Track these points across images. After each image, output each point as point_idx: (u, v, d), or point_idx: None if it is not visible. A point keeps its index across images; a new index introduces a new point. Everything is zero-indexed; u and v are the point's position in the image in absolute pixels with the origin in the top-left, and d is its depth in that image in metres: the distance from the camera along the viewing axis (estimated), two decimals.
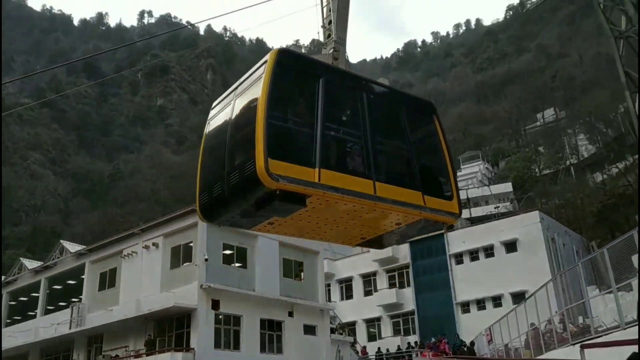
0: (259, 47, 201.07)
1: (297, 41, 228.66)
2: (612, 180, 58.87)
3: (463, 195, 73.13)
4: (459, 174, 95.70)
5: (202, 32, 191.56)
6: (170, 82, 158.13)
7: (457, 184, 7.77)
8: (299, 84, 6.73)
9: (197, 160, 7.39)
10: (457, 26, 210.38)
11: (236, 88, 7.06)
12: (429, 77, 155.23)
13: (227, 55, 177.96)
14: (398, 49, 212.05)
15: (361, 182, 6.44)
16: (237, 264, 29.82)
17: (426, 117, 7.77)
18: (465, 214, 66.38)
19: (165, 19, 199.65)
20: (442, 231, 46.16)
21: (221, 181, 6.49)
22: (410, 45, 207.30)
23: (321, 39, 7.91)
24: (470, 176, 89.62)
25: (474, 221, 57.69)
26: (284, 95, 6.40)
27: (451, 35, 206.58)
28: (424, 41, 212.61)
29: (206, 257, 27.17)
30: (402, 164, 7.30)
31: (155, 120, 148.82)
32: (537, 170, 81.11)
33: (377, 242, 8.02)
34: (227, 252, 29.34)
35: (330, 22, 7.90)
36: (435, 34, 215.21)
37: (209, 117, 7.46)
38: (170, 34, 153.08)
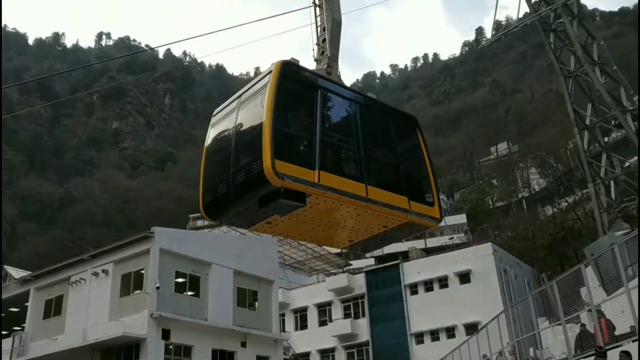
0: (219, 73, 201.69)
1: (257, 68, 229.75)
2: (562, 214, 60.57)
3: None
4: None
5: (161, 56, 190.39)
6: (126, 105, 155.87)
7: (438, 191, 8.36)
8: (300, 93, 7.24)
9: (152, 185, 7.42)
10: (415, 60, 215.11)
11: (240, 96, 7.55)
12: None
13: (186, 80, 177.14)
14: (358, 80, 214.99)
15: (355, 185, 7.00)
16: (189, 293, 29.10)
17: (410, 130, 8.50)
18: (421, 244, 67.02)
19: (124, 42, 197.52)
20: (398, 261, 46.53)
21: (226, 181, 6.93)
22: (369, 77, 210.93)
23: (315, 55, 8.65)
24: None
25: (429, 252, 58.22)
26: (287, 103, 6.88)
27: (409, 68, 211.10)
28: (382, 73, 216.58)
29: (158, 285, 26.42)
30: (390, 171, 7.89)
31: (110, 144, 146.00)
32: (490, 202, 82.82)
33: (363, 246, 8.62)
34: (180, 280, 28.64)
35: (324, 40, 8.53)
36: (394, 67, 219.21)
37: (211, 124, 7.95)
38: (128, 57, 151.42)
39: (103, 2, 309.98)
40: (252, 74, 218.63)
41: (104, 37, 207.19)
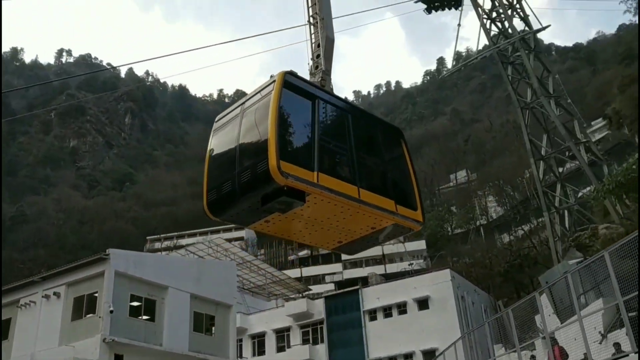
0: (182, 94, 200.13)
1: (221, 90, 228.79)
2: (518, 242, 61.77)
3: (379, 251, 74.39)
4: None
5: (123, 75, 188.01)
6: (85, 124, 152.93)
7: (421, 196, 8.96)
8: (300, 101, 7.70)
9: (109, 206, 7.33)
10: (378, 87, 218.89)
11: (243, 103, 8.11)
12: None
13: (148, 100, 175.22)
14: None
15: (349, 187, 7.52)
16: (144, 317, 28.32)
17: (396, 140, 9.15)
18: (380, 270, 67.38)
19: (85, 59, 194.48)
20: (358, 287, 46.46)
21: (231, 180, 7.40)
22: None
23: (311, 69, 9.41)
24: None
25: (388, 277, 58.36)
26: (289, 109, 7.38)
27: (372, 95, 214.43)
28: (346, 98, 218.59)
29: (111, 308, 25.67)
30: (379, 176, 8.45)
31: (67, 162, 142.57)
32: (449, 229, 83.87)
33: (350, 247, 9.06)
34: (135, 303, 27.88)
35: (318, 56, 9.22)
36: (357, 93, 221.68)
37: (213, 129, 8.46)
38: (89, 75, 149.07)
39: (65, 18, 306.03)
40: (215, 96, 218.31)
41: (64, 53, 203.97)
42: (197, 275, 31.75)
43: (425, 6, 40.54)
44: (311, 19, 9.72)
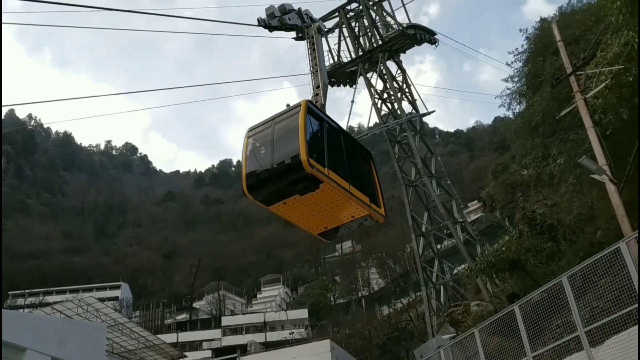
0: (66, 142, 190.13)
1: (109, 141, 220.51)
2: (397, 314, 63.17)
3: (260, 318, 73.05)
4: (258, 296, 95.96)
5: (2, 116, 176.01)
6: None
7: (383, 198, 12.26)
8: (314, 121, 10.61)
9: None
10: None
11: (274, 119, 10.91)
12: (240, 197, 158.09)
13: (28, 145, 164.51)
14: (213, 165, 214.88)
15: (344, 182, 10.53)
16: None
17: (368, 158, 12.28)
18: (260, 338, 65.81)
19: None
20: (236, 355, 44.87)
21: (268, 168, 10.24)
22: (225, 164, 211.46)
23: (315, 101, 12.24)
24: (270, 299, 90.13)
25: (268, 346, 57.10)
26: (308, 125, 10.24)
27: None
28: (239, 162, 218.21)
29: None
30: (359, 179, 11.30)
31: None
32: (332, 299, 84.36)
33: (331, 234, 12.05)
34: None
35: (317, 94, 12.33)
36: None
37: (248, 135, 11.10)
38: None
39: None
40: (102, 147, 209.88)
41: None
42: (62, 336, 29.13)
43: None
44: (312, 69, 13.04)
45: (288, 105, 10.93)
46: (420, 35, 40.69)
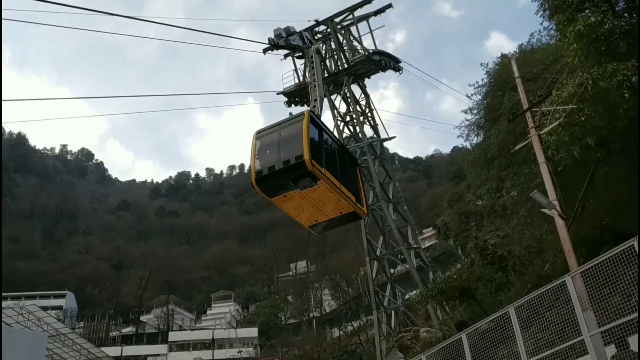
0: (19, 143, 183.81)
1: (65, 145, 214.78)
2: (347, 337, 63.06)
3: (209, 335, 71.82)
4: (208, 312, 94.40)
5: None
6: None
7: (365, 198, 14.03)
8: (314, 128, 12.08)
9: None
10: (232, 168, 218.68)
11: (280, 124, 12.42)
12: (196, 210, 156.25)
13: None
14: (170, 177, 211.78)
15: (337, 181, 12.05)
16: None
17: (354, 163, 14.19)
18: (208, 355, 64.70)
19: None
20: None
21: (274, 165, 11.58)
22: (183, 176, 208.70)
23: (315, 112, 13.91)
24: (220, 316, 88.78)
25: None
26: (311, 130, 11.84)
27: (225, 175, 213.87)
28: (197, 174, 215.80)
29: None
30: (347, 181, 12.81)
31: None
32: (283, 318, 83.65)
33: (320, 226, 13.59)
34: None
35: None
36: (209, 170, 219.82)
37: (257, 136, 12.52)
38: None
39: None
40: (57, 151, 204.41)
41: None
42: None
43: (286, 99, 42.28)
44: (311, 84, 14.88)
45: (291, 113, 12.83)
46: (385, 61, 41.35)
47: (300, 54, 33.22)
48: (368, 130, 41.65)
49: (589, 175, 18.13)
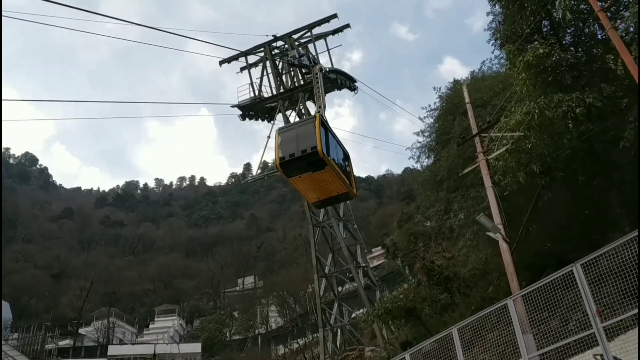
0: None
1: (8, 149, 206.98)
2: (292, 355, 62.55)
3: (151, 350, 70.02)
4: (151, 326, 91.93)
5: None
6: None
7: (355, 183, 17.03)
8: (323, 127, 15.01)
9: None
10: (182, 179, 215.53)
11: (297, 124, 16.59)
12: (143, 221, 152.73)
13: None
14: (118, 186, 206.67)
15: (337, 168, 15.17)
16: None
17: (348, 157, 17.03)
18: None
19: None
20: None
21: (294, 152, 14.57)
22: (131, 185, 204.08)
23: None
24: (163, 330, 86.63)
25: None
26: (321, 129, 14.85)
27: (174, 186, 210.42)
28: (146, 184, 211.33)
29: None
30: (343, 168, 15.97)
31: None
32: (228, 334, 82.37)
33: (322, 203, 16.95)
34: None
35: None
36: (158, 181, 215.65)
37: (279, 132, 15.71)
38: None
39: None
40: None
41: None
42: None
43: (240, 112, 42.01)
44: (316, 96, 18.42)
45: (304, 116, 19.27)
46: (341, 80, 41.70)
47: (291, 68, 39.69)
48: None
49: (533, 201, 18.69)
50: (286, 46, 41.75)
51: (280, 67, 42.30)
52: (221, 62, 43.13)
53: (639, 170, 15.36)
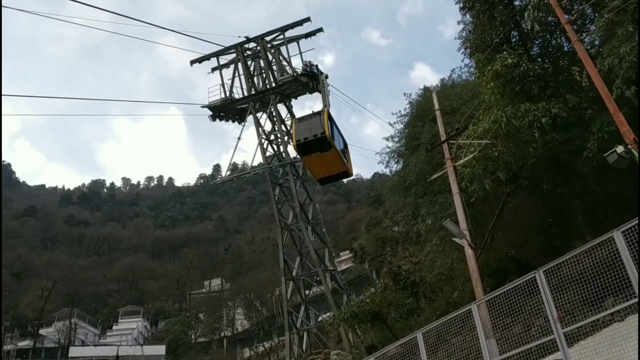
0: None
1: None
2: (258, 358, 62.30)
3: (113, 352, 68.86)
4: (115, 327, 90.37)
5: None
6: None
7: (351, 164, 22.74)
8: (329, 119, 20.32)
9: None
10: (150, 179, 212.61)
11: (310, 115, 20.89)
12: (108, 220, 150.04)
13: None
14: (83, 184, 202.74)
15: (339, 150, 20.79)
16: None
17: (346, 144, 22.69)
18: None
19: None
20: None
21: (307, 137, 19.94)
22: (97, 184, 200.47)
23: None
24: (127, 332, 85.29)
25: None
26: (328, 120, 20.48)
27: (141, 186, 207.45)
28: (112, 183, 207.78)
29: None
30: (343, 151, 21.34)
31: None
32: (193, 336, 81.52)
33: (326, 179, 22.69)
34: None
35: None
36: (125, 180, 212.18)
37: (295, 121, 21.34)
38: None
39: None
40: None
41: None
42: None
43: (210, 113, 41.66)
44: (322, 96, 23.51)
45: (313, 111, 21.25)
46: (312, 84, 41.74)
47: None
48: (292, 151, 41.80)
49: (498, 208, 18.99)
50: (258, 48, 41.62)
51: (252, 68, 42.13)
52: (192, 62, 42.75)
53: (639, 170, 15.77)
